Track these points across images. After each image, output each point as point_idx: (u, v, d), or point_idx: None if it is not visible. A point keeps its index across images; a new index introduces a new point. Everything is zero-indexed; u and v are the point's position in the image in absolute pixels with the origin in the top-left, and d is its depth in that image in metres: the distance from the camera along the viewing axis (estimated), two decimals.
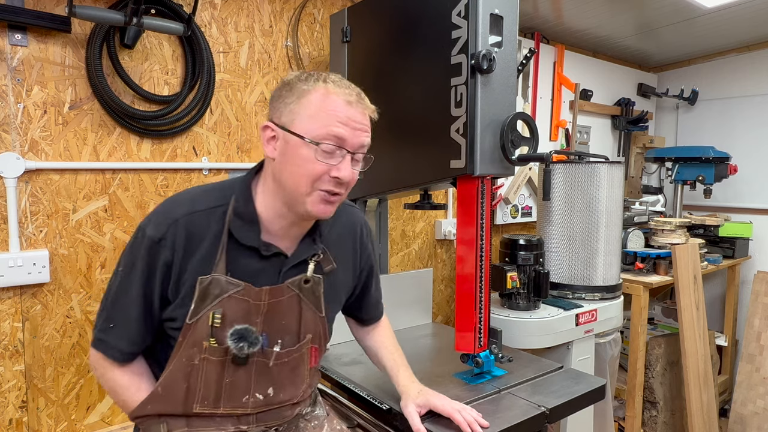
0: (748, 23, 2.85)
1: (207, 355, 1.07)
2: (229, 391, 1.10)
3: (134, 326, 1.09)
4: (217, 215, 1.09)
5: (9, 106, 1.55)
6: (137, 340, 1.10)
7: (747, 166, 3.26)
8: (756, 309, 3.08)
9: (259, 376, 1.12)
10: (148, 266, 1.06)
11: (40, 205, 1.61)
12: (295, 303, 1.15)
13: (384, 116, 1.75)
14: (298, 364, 1.18)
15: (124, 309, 1.08)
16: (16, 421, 1.60)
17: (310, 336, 1.18)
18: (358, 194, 1.87)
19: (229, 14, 1.92)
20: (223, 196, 1.11)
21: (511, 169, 1.47)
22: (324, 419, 1.32)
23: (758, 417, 2.89)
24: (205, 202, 1.10)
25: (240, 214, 1.09)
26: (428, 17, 1.49)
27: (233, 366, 1.09)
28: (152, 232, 1.06)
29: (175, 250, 1.06)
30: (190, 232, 1.06)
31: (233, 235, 1.08)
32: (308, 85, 1.05)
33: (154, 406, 1.09)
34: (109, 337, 1.09)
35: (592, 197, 2.16)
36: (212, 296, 1.05)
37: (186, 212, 1.07)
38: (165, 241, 1.05)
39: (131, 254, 1.08)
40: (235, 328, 1.06)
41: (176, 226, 1.06)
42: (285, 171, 1.06)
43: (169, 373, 1.08)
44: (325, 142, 1.02)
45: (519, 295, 2.00)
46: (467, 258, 1.48)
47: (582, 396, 1.46)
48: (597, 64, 3.27)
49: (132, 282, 1.07)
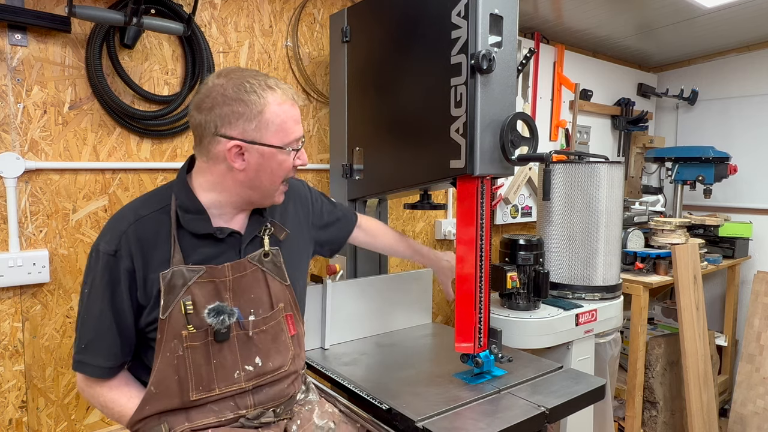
0: (748, 23, 2.85)
1: (189, 342, 1.12)
2: (220, 371, 1.16)
3: (109, 340, 1.13)
4: (162, 216, 1.16)
5: (9, 106, 1.55)
6: (115, 353, 1.14)
7: (747, 166, 3.26)
8: (756, 309, 3.08)
9: (242, 349, 1.19)
10: (111, 280, 1.12)
11: (40, 205, 1.61)
12: (261, 276, 1.23)
13: (384, 116, 1.76)
14: (277, 333, 1.25)
15: (95, 326, 1.12)
16: (16, 421, 1.60)
17: (282, 305, 1.26)
18: (358, 194, 1.88)
19: (229, 14, 1.92)
20: (162, 198, 1.19)
21: (510, 169, 1.47)
22: (315, 403, 1.36)
23: (758, 417, 2.89)
24: (147, 207, 1.17)
25: (186, 208, 1.17)
26: (428, 17, 1.49)
27: (217, 345, 1.15)
28: (105, 247, 1.12)
29: (132, 258, 1.12)
30: (140, 237, 1.13)
31: (185, 228, 1.16)
32: (261, 97, 1.13)
33: (152, 406, 1.12)
34: (86, 356, 1.13)
35: (592, 197, 2.16)
36: (178, 287, 1.12)
37: (132, 221, 1.14)
38: (120, 252, 1.11)
39: (91, 274, 1.13)
40: (209, 307, 1.13)
41: (126, 236, 1.12)
42: (261, 176, 1.17)
43: (158, 371, 1.12)
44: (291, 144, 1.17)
45: (519, 295, 2.00)
46: (467, 258, 1.48)
47: (582, 396, 1.46)
48: (597, 64, 3.27)
49: (97, 299, 1.12)
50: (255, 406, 1.21)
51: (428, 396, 1.42)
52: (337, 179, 1.95)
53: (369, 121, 1.81)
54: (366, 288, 1.89)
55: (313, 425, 1.29)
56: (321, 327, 1.78)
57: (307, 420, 1.29)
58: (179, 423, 1.14)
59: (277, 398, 1.25)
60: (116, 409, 1.15)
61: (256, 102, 1.12)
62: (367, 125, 1.81)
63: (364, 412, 1.42)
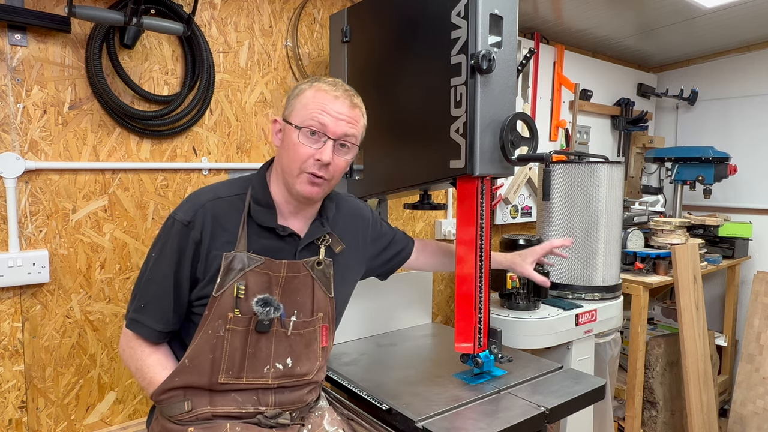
0: (748, 23, 2.85)
1: (232, 325, 1.17)
2: (252, 362, 1.20)
3: (165, 305, 1.19)
4: (238, 201, 1.24)
5: (9, 106, 1.54)
6: (169, 319, 1.20)
7: (747, 166, 3.26)
8: (756, 309, 3.08)
9: (278, 346, 1.22)
10: (179, 248, 1.18)
11: (40, 205, 1.61)
12: (309, 282, 1.27)
13: (383, 116, 1.76)
14: (311, 340, 1.28)
15: (157, 290, 1.19)
16: (15, 421, 1.60)
17: (321, 314, 1.29)
18: (358, 194, 1.87)
19: (228, 14, 1.92)
20: (242, 186, 1.27)
21: (510, 170, 1.47)
22: (326, 410, 1.37)
23: (758, 417, 2.89)
24: (227, 190, 1.26)
25: (258, 200, 1.24)
26: (428, 17, 1.49)
27: (256, 335, 1.19)
28: (181, 216, 1.19)
29: (203, 231, 1.18)
30: (215, 214, 1.20)
31: (253, 219, 1.23)
32: (307, 84, 1.24)
33: (182, 378, 1.17)
34: (143, 317, 1.20)
35: (592, 197, 2.16)
36: (236, 270, 1.17)
37: (211, 198, 1.22)
38: (193, 223, 1.18)
39: (163, 239, 1.21)
40: (258, 297, 1.17)
41: (203, 210, 1.20)
42: (283, 156, 1.23)
43: (196, 346, 1.17)
44: (308, 126, 1.18)
45: (519, 295, 2.00)
46: (467, 258, 1.48)
47: (582, 396, 1.46)
48: (597, 64, 3.27)
49: (164, 264, 1.19)
50: (275, 406, 1.23)
51: (428, 396, 1.42)
52: None
53: (369, 121, 1.80)
54: (366, 288, 1.88)
55: (323, 430, 1.29)
56: None
57: (318, 425, 1.30)
58: (202, 405, 1.18)
59: (297, 402, 1.27)
60: (149, 375, 1.20)
61: (300, 88, 1.23)
62: (367, 125, 1.81)
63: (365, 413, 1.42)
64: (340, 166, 1.24)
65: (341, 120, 1.20)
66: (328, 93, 1.21)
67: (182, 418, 1.18)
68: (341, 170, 1.25)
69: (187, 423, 1.18)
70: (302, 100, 1.21)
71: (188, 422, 1.18)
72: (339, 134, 1.21)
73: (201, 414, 1.18)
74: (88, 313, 1.70)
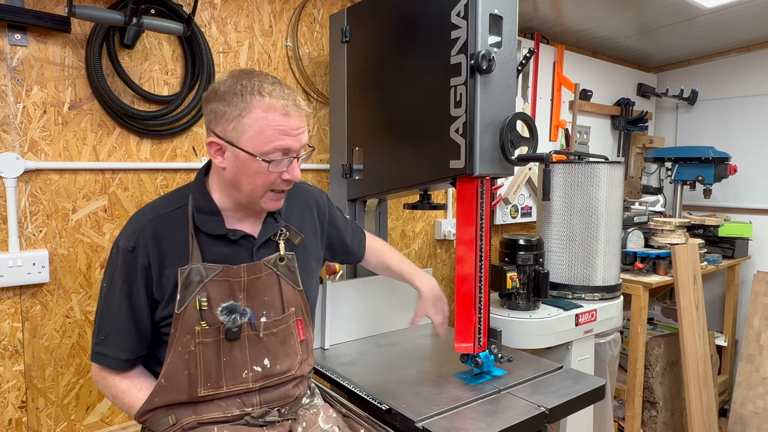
0: (748, 23, 2.85)
1: (201, 338, 1.15)
2: (229, 370, 1.18)
3: (125, 333, 1.17)
4: (180, 215, 1.20)
5: (9, 106, 1.55)
6: (131, 346, 1.18)
7: (747, 166, 3.26)
8: (756, 309, 3.08)
9: (252, 350, 1.21)
10: (128, 275, 1.16)
11: (40, 205, 1.61)
12: (275, 280, 1.25)
13: (384, 116, 1.76)
14: (287, 336, 1.27)
15: (112, 319, 1.17)
16: (15, 421, 1.60)
17: (293, 309, 1.28)
18: (358, 194, 1.88)
19: (228, 14, 1.92)
20: (181, 197, 1.23)
21: (510, 170, 1.47)
22: (321, 407, 1.37)
23: (758, 417, 2.89)
24: (166, 206, 1.22)
25: (201, 209, 1.20)
26: (428, 17, 1.49)
27: (228, 344, 1.18)
28: (124, 243, 1.17)
29: (149, 254, 1.16)
30: (157, 235, 1.17)
31: (200, 228, 1.19)
32: (245, 100, 1.11)
33: (161, 398, 1.16)
34: (104, 348, 1.18)
35: (592, 197, 2.16)
36: (195, 283, 1.15)
37: (150, 218, 1.19)
38: (137, 248, 1.16)
39: (110, 268, 1.19)
40: (222, 305, 1.16)
41: (144, 232, 1.17)
42: (240, 180, 1.16)
43: (169, 365, 1.15)
44: (272, 158, 1.13)
45: (519, 295, 2.00)
46: (467, 258, 1.48)
47: (582, 396, 1.46)
48: (597, 64, 3.27)
49: (116, 294, 1.16)
50: (261, 405, 1.23)
51: (428, 396, 1.42)
52: (336, 179, 1.95)
53: (369, 121, 1.81)
54: (366, 288, 1.89)
55: (318, 428, 1.29)
56: (321, 327, 1.78)
57: (313, 423, 1.30)
58: (186, 416, 1.17)
59: (283, 398, 1.27)
60: (126, 400, 1.19)
61: (239, 104, 1.11)
62: (367, 125, 1.81)
63: (364, 412, 1.42)
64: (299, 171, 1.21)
65: (300, 135, 1.16)
66: (278, 111, 1.11)
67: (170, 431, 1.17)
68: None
69: None
70: (251, 124, 1.10)
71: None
72: (299, 149, 1.17)
73: (187, 424, 1.17)
74: (88, 313, 1.70)
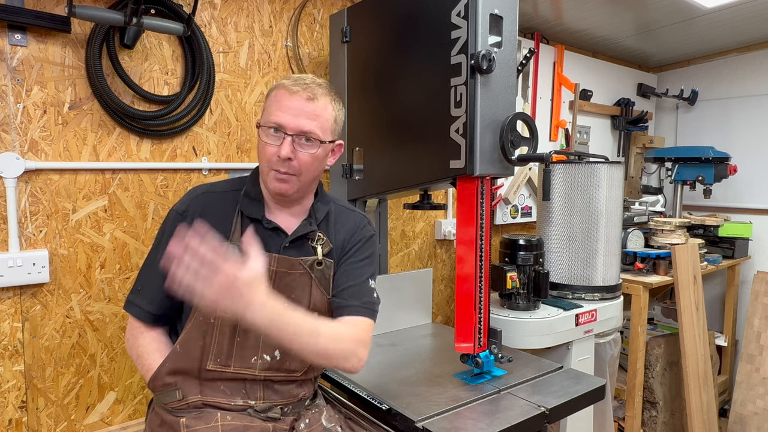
0: (748, 23, 2.85)
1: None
2: (240, 350, 1.23)
3: (157, 288, 1.23)
4: (231, 196, 1.31)
5: (9, 106, 1.54)
6: (159, 300, 1.25)
7: (747, 166, 3.26)
8: (756, 309, 3.08)
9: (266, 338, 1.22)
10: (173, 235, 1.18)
11: (40, 205, 1.61)
12: (307, 282, 1.29)
13: (384, 116, 1.76)
14: None
15: (151, 274, 1.26)
16: (15, 422, 1.60)
17: (317, 314, 1.25)
18: (358, 194, 1.88)
19: (228, 14, 1.92)
20: (240, 182, 1.35)
21: (510, 170, 1.47)
22: (324, 407, 1.38)
23: (758, 417, 2.89)
24: (224, 186, 1.34)
25: (248, 194, 1.31)
26: (428, 17, 1.49)
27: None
28: (177, 207, 1.30)
29: (195, 219, 1.24)
30: (207, 207, 1.28)
31: (244, 213, 1.28)
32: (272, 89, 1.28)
33: (172, 363, 1.23)
34: (138, 298, 1.28)
35: (592, 197, 2.16)
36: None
37: (205, 191, 1.32)
38: (187, 212, 1.27)
39: (162, 228, 1.31)
40: None
41: (196, 201, 1.29)
42: (258, 158, 1.29)
43: (187, 332, 1.23)
44: (268, 125, 1.22)
45: (519, 295, 2.00)
46: (467, 258, 1.48)
47: (582, 396, 1.46)
48: (597, 64, 3.27)
49: (159, 249, 1.25)
50: (264, 400, 1.25)
51: (428, 396, 1.42)
52: (337, 179, 1.95)
53: (369, 121, 1.81)
54: None
55: (321, 426, 1.30)
56: None
57: (316, 421, 1.31)
58: (193, 394, 1.23)
59: (287, 397, 1.29)
60: (147, 361, 1.25)
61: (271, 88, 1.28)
62: (367, 125, 1.81)
63: (365, 413, 1.42)
64: (305, 161, 1.23)
65: (299, 116, 1.21)
66: (287, 89, 1.22)
67: (175, 406, 1.23)
68: (309, 165, 1.24)
69: (179, 411, 1.22)
70: (268, 100, 1.26)
71: (180, 410, 1.22)
72: (295, 129, 1.21)
73: (192, 402, 1.22)
74: (88, 313, 1.70)
